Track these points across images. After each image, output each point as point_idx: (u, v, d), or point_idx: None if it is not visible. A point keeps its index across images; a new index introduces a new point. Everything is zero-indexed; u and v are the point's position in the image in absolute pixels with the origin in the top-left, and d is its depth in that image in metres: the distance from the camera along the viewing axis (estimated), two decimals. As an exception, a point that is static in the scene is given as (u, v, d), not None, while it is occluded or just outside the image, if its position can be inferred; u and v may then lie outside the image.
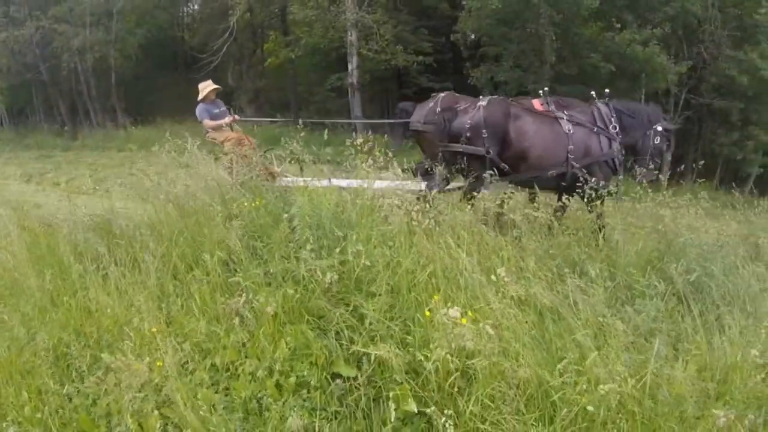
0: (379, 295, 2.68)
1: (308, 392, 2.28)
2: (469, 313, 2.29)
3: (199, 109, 6.64)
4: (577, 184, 4.36)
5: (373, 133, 4.82)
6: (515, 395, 2.15)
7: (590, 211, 4.42)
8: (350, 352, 2.40)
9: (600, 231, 4.33)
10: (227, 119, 6.63)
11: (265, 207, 4.03)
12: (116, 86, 19.00)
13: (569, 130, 4.75)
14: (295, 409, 2.17)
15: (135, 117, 18.43)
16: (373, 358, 2.26)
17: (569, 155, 4.68)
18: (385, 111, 18.00)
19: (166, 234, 3.73)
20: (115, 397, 2.32)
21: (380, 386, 2.25)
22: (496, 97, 5.00)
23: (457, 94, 5.20)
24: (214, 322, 2.77)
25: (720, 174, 16.44)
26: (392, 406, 2.04)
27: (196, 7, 23.61)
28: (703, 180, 11.00)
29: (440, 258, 2.88)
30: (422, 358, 2.20)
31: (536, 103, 4.96)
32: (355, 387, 2.28)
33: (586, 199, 4.24)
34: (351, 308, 2.70)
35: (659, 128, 5.04)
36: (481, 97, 4.93)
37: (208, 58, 15.68)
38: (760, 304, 3.60)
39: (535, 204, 4.25)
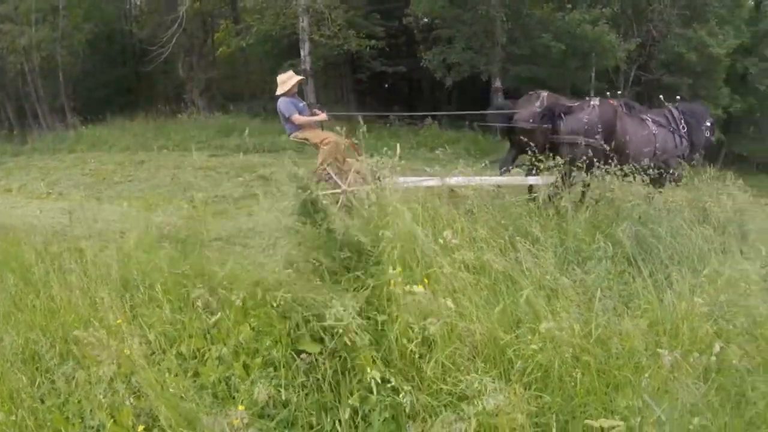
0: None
1: (275, 369, 2.33)
2: (425, 280, 2.38)
3: (285, 104, 5.73)
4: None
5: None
6: (472, 354, 2.26)
7: (660, 193, 5.17)
8: (313, 329, 2.46)
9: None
10: (323, 115, 5.90)
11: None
12: (64, 85, 18.15)
13: (655, 131, 5.76)
14: (263, 382, 2.22)
15: (85, 116, 17.73)
16: (336, 331, 2.32)
17: (656, 151, 5.66)
18: (339, 97, 17.84)
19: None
20: (85, 392, 2.32)
21: (345, 358, 2.33)
22: (601, 99, 5.81)
23: (555, 94, 6.04)
24: (178, 311, 2.78)
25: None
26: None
27: (143, -2, 22.78)
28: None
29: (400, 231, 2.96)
30: (384, 329, 2.29)
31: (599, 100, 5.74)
32: (321, 362, 2.35)
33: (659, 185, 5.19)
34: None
35: (708, 124, 6.25)
36: (587, 98, 5.80)
37: (158, 50, 15.20)
38: (707, 262, 3.78)
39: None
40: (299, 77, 5.92)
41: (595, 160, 5.04)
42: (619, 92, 15.63)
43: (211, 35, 19.35)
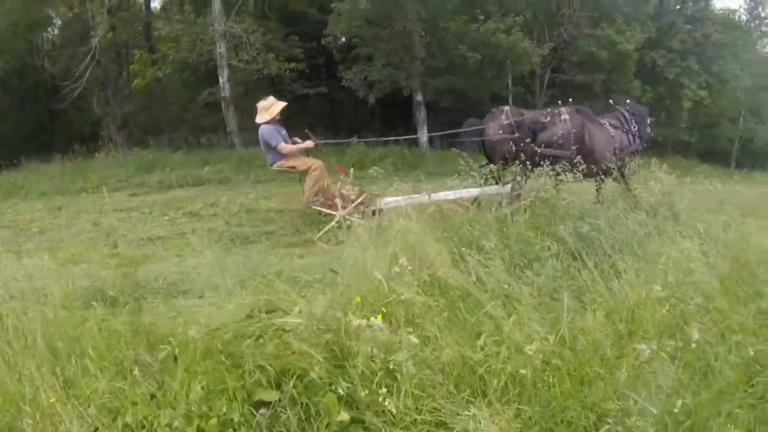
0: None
1: (234, 430, 2.11)
2: (383, 309, 2.25)
3: (270, 132, 5.59)
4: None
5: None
6: (443, 379, 2.16)
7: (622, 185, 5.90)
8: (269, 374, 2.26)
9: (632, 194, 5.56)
10: (309, 142, 5.78)
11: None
12: (-26, 128, 16.62)
13: (613, 133, 6.46)
14: (223, 450, 1.99)
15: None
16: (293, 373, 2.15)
17: (616, 151, 6.31)
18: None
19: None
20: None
21: (307, 403, 2.15)
22: (566, 108, 6.36)
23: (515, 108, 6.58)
24: (117, 377, 2.47)
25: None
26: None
27: (56, 31, 21.27)
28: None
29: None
30: (346, 365, 2.14)
31: (566, 111, 6.34)
32: (281, 410, 2.15)
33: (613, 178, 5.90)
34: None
35: (649, 121, 7.07)
36: (549, 110, 6.38)
37: (71, 86, 14.33)
38: (647, 246, 3.96)
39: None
40: (283, 103, 5.80)
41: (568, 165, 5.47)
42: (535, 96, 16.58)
43: (126, 67, 18.38)
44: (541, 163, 5.51)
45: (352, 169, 6.16)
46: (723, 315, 3.06)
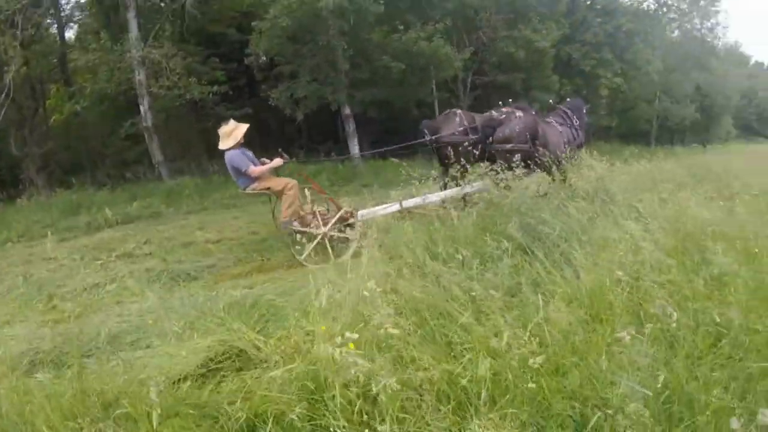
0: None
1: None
2: (356, 335, 2.14)
3: (237, 157, 5.41)
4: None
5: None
6: (426, 397, 2.08)
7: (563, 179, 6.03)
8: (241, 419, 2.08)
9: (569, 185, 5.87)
10: (278, 161, 5.60)
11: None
12: None
13: (560, 129, 7.00)
14: None
15: None
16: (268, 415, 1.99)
17: (564, 145, 6.70)
18: (186, 150, 16.71)
19: None
20: None
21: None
22: (514, 110, 6.74)
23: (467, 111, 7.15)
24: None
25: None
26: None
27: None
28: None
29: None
30: (323, 397, 2.01)
31: (506, 110, 6.73)
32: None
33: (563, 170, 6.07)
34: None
35: (584, 110, 7.82)
36: (494, 112, 6.73)
37: (-16, 127, 12.96)
38: (592, 232, 4.08)
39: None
40: (245, 125, 5.62)
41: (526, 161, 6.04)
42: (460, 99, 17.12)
43: (42, 103, 17.02)
44: (499, 160, 5.94)
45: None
46: (677, 286, 3.15)
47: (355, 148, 14.68)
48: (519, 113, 6.60)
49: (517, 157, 5.82)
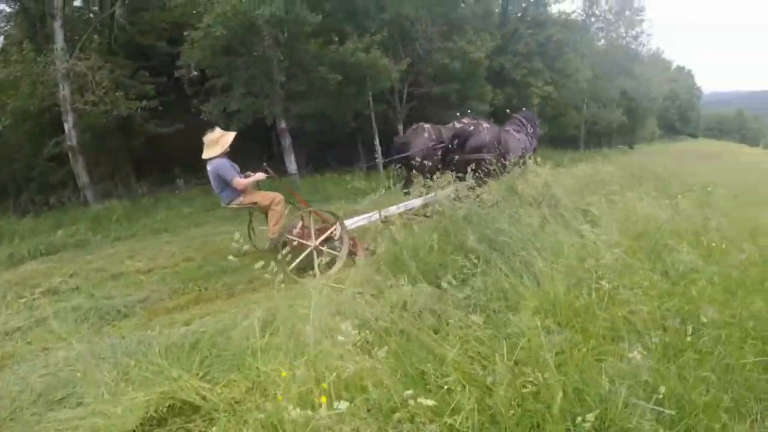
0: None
1: None
2: (323, 386, 1.89)
3: (224, 167, 5.12)
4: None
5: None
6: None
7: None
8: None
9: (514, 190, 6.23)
10: (260, 174, 5.33)
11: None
12: None
13: (518, 137, 7.65)
14: None
15: None
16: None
17: (522, 151, 7.25)
18: (115, 169, 15.62)
19: None
20: None
21: None
22: (479, 121, 7.43)
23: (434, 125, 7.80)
24: None
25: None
26: None
27: None
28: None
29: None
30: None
31: (466, 121, 7.40)
32: None
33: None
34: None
35: (537, 122, 8.63)
36: (456, 123, 7.41)
37: None
38: (543, 238, 4.07)
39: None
40: (233, 133, 5.37)
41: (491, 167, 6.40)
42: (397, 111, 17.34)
43: None
44: (469, 167, 6.27)
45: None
46: (635, 283, 3.19)
47: (291, 164, 14.36)
48: (486, 124, 7.26)
49: (487, 163, 6.43)
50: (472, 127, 7.13)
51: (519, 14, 22.89)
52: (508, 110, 9.21)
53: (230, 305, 4.48)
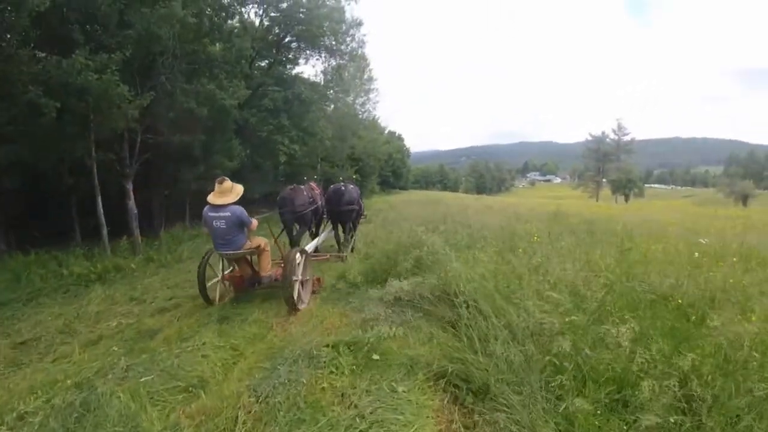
0: None
1: None
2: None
3: (243, 211, 5.85)
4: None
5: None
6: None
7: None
8: None
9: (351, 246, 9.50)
10: (255, 220, 6.05)
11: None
12: None
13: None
14: None
15: None
16: None
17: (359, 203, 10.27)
18: None
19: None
20: None
21: None
22: (347, 182, 10.38)
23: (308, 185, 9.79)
24: None
25: (191, 210, 16.88)
26: None
27: None
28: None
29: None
30: None
31: (314, 185, 9.97)
32: None
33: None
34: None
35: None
36: (342, 181, 10.95)
37: None
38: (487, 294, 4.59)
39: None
40: (241, 185, 5.96)
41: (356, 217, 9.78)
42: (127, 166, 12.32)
43: None
44: (341, 218, 9.51)
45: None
46: (533, 289, 4.23)
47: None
48: (351, 185, 9.86)
49: (355, 214, 9.78)
50: (343, 187, 9.57)
51: (268, 68, 22.50)
52: (355, 176, 10.70)
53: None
